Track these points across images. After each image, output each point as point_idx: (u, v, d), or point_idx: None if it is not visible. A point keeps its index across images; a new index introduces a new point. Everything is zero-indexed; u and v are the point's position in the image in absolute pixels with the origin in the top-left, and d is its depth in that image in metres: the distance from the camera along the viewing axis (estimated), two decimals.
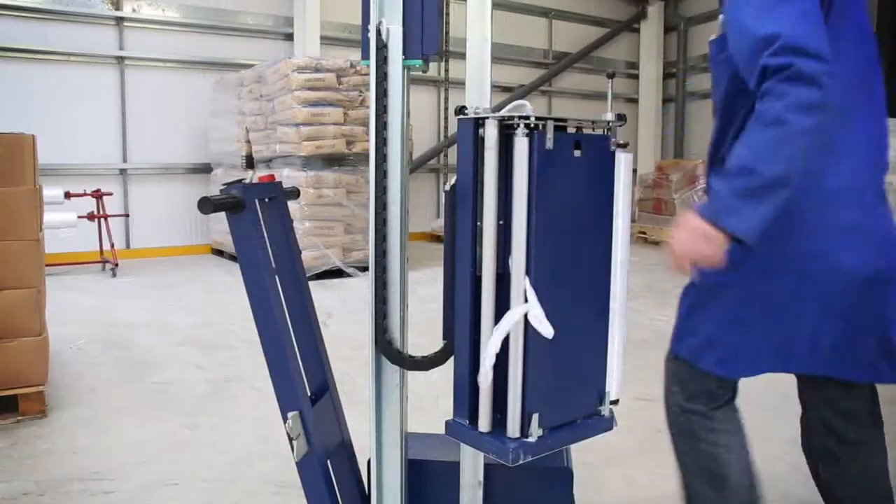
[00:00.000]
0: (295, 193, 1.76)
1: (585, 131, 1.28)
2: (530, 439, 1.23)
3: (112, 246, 7.01)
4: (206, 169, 8.36)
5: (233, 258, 7.58)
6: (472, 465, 1.58)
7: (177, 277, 6.92)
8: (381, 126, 1.44)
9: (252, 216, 1.48)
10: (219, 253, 8.20)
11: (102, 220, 7.13)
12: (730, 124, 1.50)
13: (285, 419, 1.50)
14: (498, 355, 1.23)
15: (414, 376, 1.61)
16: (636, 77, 12.03)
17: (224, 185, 1.50)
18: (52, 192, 6.21)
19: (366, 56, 1.45)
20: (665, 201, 9.40)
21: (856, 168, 1.45)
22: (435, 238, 9.62)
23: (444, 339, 1.42)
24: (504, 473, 1.59)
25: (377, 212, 1.45)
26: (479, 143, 1.25)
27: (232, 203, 1.44)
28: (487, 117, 1.23)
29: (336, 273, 6.82)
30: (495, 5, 1.44)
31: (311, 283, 1.67)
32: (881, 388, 1.67)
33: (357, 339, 4.53)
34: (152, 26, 8.11)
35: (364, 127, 6.92)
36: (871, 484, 1.67)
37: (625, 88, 11.95)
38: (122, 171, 8.03)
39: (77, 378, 3.75)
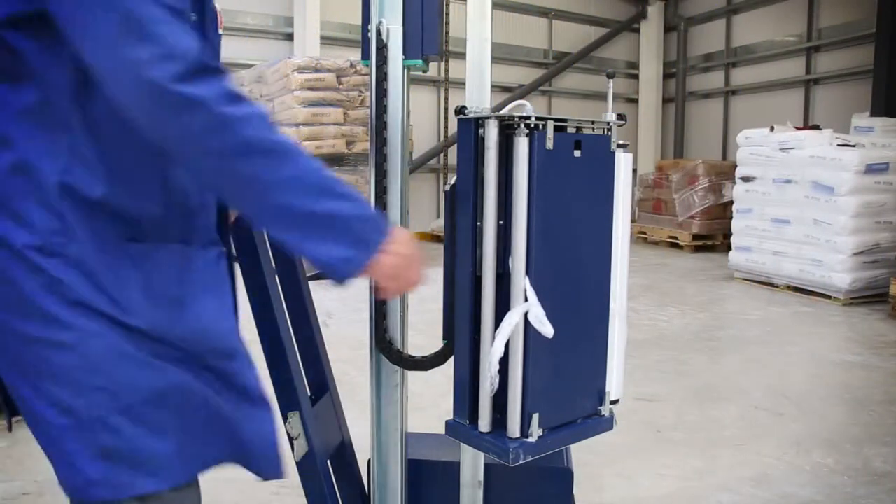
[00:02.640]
0: None
1: (585, 131, 1.28)
2: (530, 439, 1.23)
3: None
4: None
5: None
6: (472, 465, 1.57)
7: None
8: (381, 126, 1.44)
9: None
10: None
11: None
12: None
13: (285, 419, 1.50)
14: None
15: (414, 376, 1.61)
16: (636, 77, 12.03)
17: None
18: None
19: (366, 56, 1.45)
20: (665, 201, 9.40)
21: None
22: (435, 238, 9.61)
23: (444, 339, 1.42)
24: (504, 473, 1.59)
25: None
26: (479, 143, 1.25)
27: None
28: (487, 117, 1.23)
29: None
30: (495, 5, 1.44)
31: (311, 283, 1.67)
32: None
33: (357, 339, 4.52)
34: None
35: (364, 127, 6.92)
36: None
37: (625, 88, 11.95)
38: None
39: None
